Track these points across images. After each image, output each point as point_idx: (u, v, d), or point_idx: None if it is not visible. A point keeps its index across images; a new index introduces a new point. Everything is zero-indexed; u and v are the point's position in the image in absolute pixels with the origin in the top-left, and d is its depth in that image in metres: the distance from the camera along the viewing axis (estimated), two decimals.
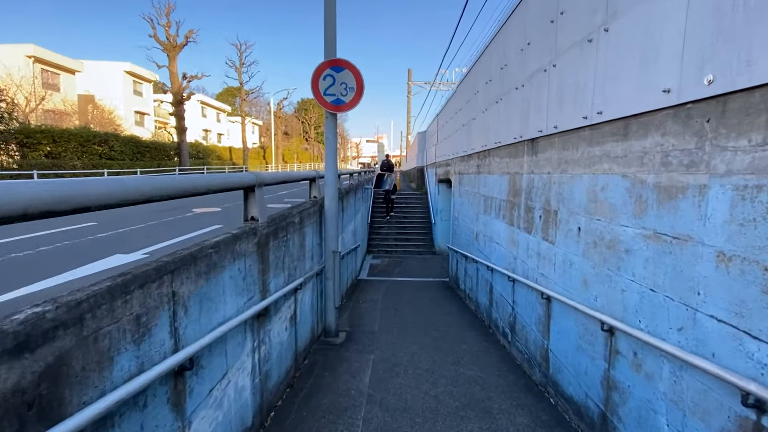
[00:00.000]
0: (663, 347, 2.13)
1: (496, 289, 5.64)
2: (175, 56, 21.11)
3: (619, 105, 2.60)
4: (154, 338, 1.70)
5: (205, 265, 2.14)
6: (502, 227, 5.36)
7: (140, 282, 1.62)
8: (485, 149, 6.29)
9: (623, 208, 2.58)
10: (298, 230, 4.08)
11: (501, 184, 5.42)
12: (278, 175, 3.58)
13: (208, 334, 2.13)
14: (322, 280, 5.18)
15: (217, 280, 2.28)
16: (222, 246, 2.34)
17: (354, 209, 9.37)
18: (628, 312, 2.54)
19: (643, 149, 2.38)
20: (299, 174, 4.38)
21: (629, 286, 2.52)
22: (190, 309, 2.01)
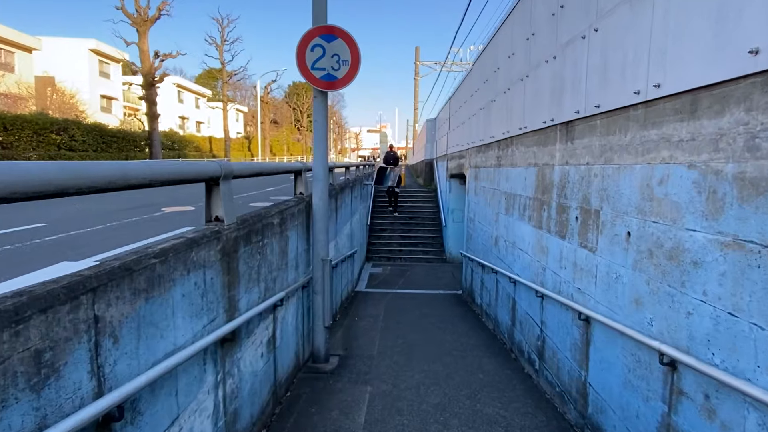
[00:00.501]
0: (748, 391, 1.84)
1: (520, 306, 5.35)
2: (145, 31, 20.96)
3: (683, 74, 2.32)
4: (65, 380, 1.44)
5: (146, 279, 1.88)
6: (527, 231, 5.08)
7: (42, 306, 1.35)
8: (507, 137, 6.02)
9: (690, 206, 2.30)
10: (279, 234, 3.82)
11: (527, 178, 5.14)
12: (252, 166, 3.33)
13: (150, 369, 1.87)
14: (310, 294, 4.92)
15: (163, 299, 2.02)
16: (171, 254, 2.08)
17: (350, 209, 9.11)
18: (696, 341, 2.25)
19: (719, 130, 2.10)
20: (280, 165, 4.12)
21: (698, 308, 2.23)
22: (123, 338, 1.74)
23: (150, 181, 1.97)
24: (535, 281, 4.76)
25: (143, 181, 1.91)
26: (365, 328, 6.58)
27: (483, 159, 7.81)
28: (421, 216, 15.27)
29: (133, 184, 1.82)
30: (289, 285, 4.17)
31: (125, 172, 1.74)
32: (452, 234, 13.41)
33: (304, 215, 4.74)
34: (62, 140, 19.66)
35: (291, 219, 4.22)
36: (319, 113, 4.57)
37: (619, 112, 3.04)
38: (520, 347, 5.29)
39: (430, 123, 19.12)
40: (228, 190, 2.78)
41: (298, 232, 4.52)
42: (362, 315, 7.44)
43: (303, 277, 4.76)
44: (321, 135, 4.60)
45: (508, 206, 5.96)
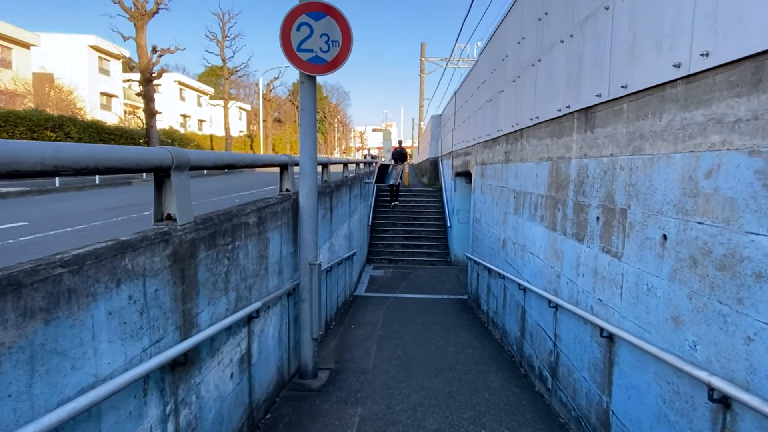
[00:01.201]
0: None
1: (530, 316, 4.89)
2: (143, 26, 20.67)
3: (743, 37, 1.86)
4: None
5: (46, 295, 1.46)
6: (539, 233, 4.62)
7: None
8: (517, 129, 5.56)
9: (751, 203, 1.84)
10: (256, 235, 3.40)
11: (538, 174, 4.68)
12: (219, 156, 2.90)
13: (52, 412, 1.45)
14: (296, 302, 4.49)
15: (76, 319, 1.60)
16: (90, 262, 1.65)
17: (348, 209, 8.69)
18: (758, 375, 1.80)
19: None
20: (260, 158, 3.69)
21: (763, 333, 1.78)
22: (6, 374, 1.32)
23: (56, 167, 1.55)
24: (548, 289, 4.30)
25: (49, 167, 1.48)
26: (361, 338, 6.14)
27: (490, 155, 7.34)
28: (425, 216, 14.81)
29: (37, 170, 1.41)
30: (269, 293, 3.74)
31: (20, 152, 1.32)
32: (457, 235, 12.95)
33: (290, 214, 4.31)
34: (57, 137, 19.41)
35: (272, 218, 3.80)
36: (306, 100, 4.14)
37: (652, 92, 2.58)
38: (530, 362, 4.83)
39: (434, 120, 18.66)
40: (182, 183, 2.35)
41: (282, 233, 4.09)
42: (359, 322, 7.01)
43: (289, 283, 4.34)
44: (308, 125, 4.17)
45: (518, 205, 5.50)
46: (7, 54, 25.34)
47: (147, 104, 21.31)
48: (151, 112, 21.47)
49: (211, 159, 2.70)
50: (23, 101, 24.04)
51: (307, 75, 4.07)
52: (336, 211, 7.09)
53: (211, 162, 2.69)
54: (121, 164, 1.90)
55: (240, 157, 3.28)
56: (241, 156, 3.30)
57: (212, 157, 2.75)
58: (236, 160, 3.13)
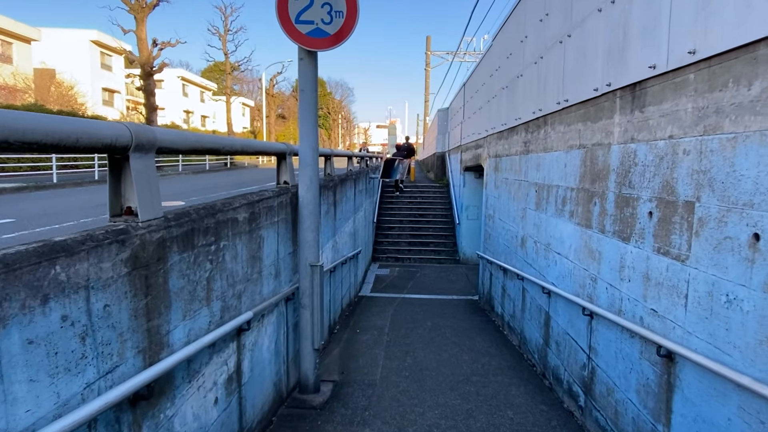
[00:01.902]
0: None
1: (556, 323, 4.38)
2: (143, 18, 20.21)
3: None
4: None
5: None
6: (568, 230, 4.11)
7: None
8: (539, 116, 5.03)
9: None
10: (247, 233, 2.91)
11: (567, 164, 4.16)
12: (199, 138, 2.40)
13: None
14: (296, 308, 4.01)
15: None
16: None
17: (353, 204, 8.20)
18: None
19: None
20: (251, 144, 3.18)
21: None
22: None
23: None
24: (580, 294, 3.79)
25: None
26: (368, 344, 5.66)
27: (505, 146, 6.82)
28: (432, 213, 14.30)
29: None
30: (264, 299, 3.26)
31: None
32: (466, 232, 12.43)
33: (288, 210, 3.82)
34: None
35: (268, 214, 3.31)
36: (306, 80, 3.64)
37: (733, 55, 2.06)
38: (557, 374, 4.32)
39: (441, 113, 18.11)
40: (146, 169, 1.86)
41: (280, 230, 3.61)
42: (365, 326, 6.52)
43: (287, 286, 3.86)
44: (308, 109, 3.67)
45: (540, 200, 4.98)
46: (8, 49, 24.97)
47: (147, 99, 20.87)
48: (152, 106, 21.03)
49: (186, 140, 2.20)
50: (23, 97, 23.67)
51: (306, 50, 3.57)
52: (340, 207, 6.60)
53: (186, 144, 2.19)
54: (51, 140, 1.41)
55: (226, 141, 2.78)
56: (227, 141, 2.80)
57: (188, 138, 2.25)
58: (220, 145, 2.64)
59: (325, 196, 5.50)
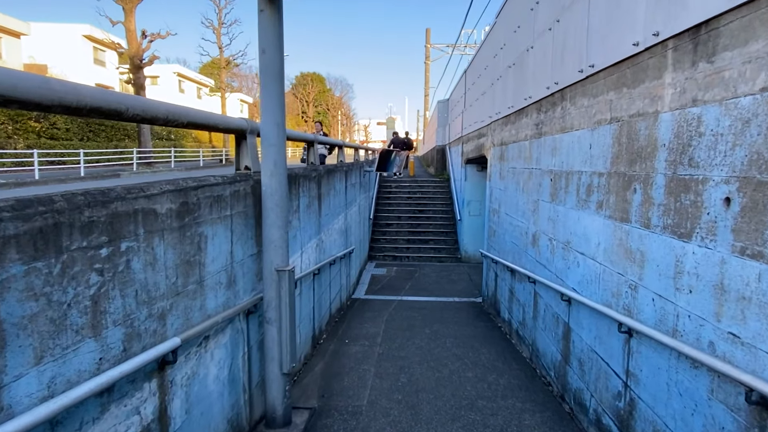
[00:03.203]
0: None
1: (579, 337, 3.62)
2: (132, 9, 19.39)
3: None
4: None
5: None
6: (595, 225, 3.34)
7: None
8: (555, 91, 4.25)
9: None
10: (175, 231, 2.15)
11: (593, 144, 3.39)
12: (78, 90, 1.61)
13: None
14: (261, 324, 3.26)
15: None
16: None
17: (344, 198, 7.43)
18: None
19: None
20: (188, 114, 2.36)
21: None
22: None
23: None
24: (613, 305, 3.02)
25: None
26: (356, 358, 4.90)
27: (512, 132, 6.04)
28: (431, 209, 13.53)
29: None
30: (208, 316, 2.50)
31: None
32: (468, 229, 11.66)
33: (248, 202, 3.07)
34: (42, 128, 18.30)
35: (214, 206, 2.55)
36: (267, 38, 2.87)
37: None
38: (580, 398, 3.56)
39: (441, 105, 17.31)
40: None
41: (235, 227, 2.84)
42: (355, 335, 5.77)
43: (248, 297, 3.10)
44: (271, 75, 2.90)
45: (556, 190, 4.21)
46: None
47: (137, 93, 20.09)
48: None
49: (42, 89, 1.42)
50: None
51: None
52: (326, 200, 5.84)
53: (40, 95, 1.41)
54: None
55: (137, 103, 1.96)
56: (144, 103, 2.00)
57: (48, 85, 1.46)
58: (125, 106, 1.83)
59: (306, 188, 4.74)
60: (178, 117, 2.23)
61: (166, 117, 2.11)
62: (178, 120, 2.23)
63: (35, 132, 17.92)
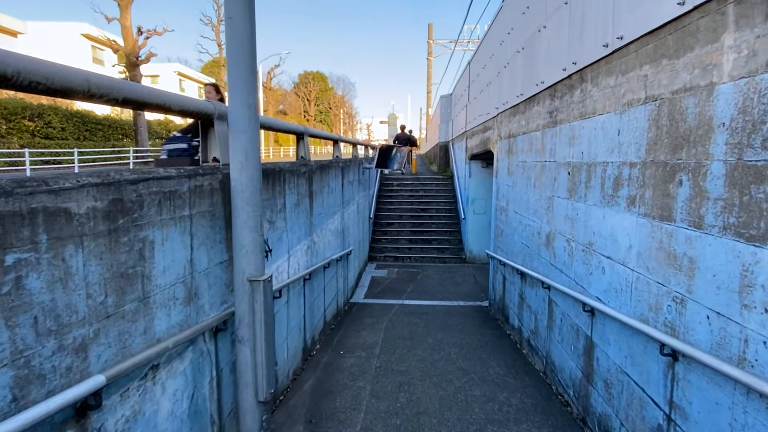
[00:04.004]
0: None
1: (605, 355, 3.12)
2: (128, 5, 18.97)
3: None
4: None
5: None
6: (626, 224, 2.84)
7: None
8: (574, 72, 3.75)
9: None
10: (102, 237, 1.68)
11: (624, 130, 2.89)
12: None
13: None
14: (232, 343, 2.79)
15: None
16: None
17: (341, 197, 6.95)
18: None
19: None
20: (138, 91, 1.88)
21: None
22: None
23: None
24: (651, 320, 2.53)
25: None
26: (351, 372, 4.42)
27: (522, 122, 5.54)
28: (434, 207, 13.03)
29: None
30: (157, 340, 2.03)
31: None
32: (473, 228, 11.15)
33: (216, 199, 2.59)
34: (37, 127, 17.92)
35: (165, 205, 2.07)
36: (235, 1, 2.39)
37: None
38: (607, 426, 3.07)
39: (444, 100, 16.79)
40: None
41: (196, 230, 2.37)
42: (352, 345, 5.29)
43: (216, 311, 2.63)
44: (241, 47, 2.42)
45: (575, 185, 3.71)
46: None
47: None
48: None
49: None
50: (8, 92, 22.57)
51: None
52: (319, 199, 5.36)
53: None
54: None
55: (57, 71, 1.51)
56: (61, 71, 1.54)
57: None
58: (37, 75, 1.38)
59: (294, 185, 4.26)
60: (108, 91, 1.75)
61: (87, 89, 1.63)
62: (108, 94, 1.74)
63: (29, 131, 17.55)
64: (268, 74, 37.67)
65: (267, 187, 3.47)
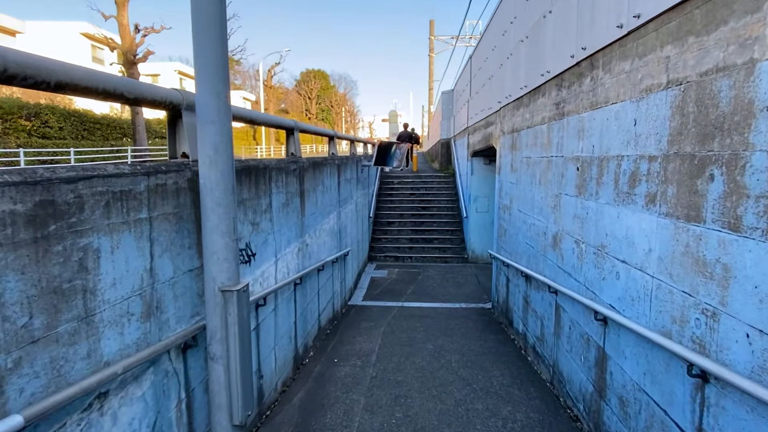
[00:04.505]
0: None
1: (620, 369, 2.83)
2: (125, 2, 18.70)
3: None
4: None
5: None
6: (644, 225, 2.54)
7: None
8: (583, 58, 3.45)
9: None
10: (30, 245, 1.40)
11: (641, 119, 2.58)
12: None
13: None
14: (204, 359, 2.51)
15: None
16: None
17: (337, 195, 6.66)
18: None
19: None
20: (46, 66, 1.60)
21: None
22: None
23: None
24: (676, 335, 2.23)
25: None
26: (345, 383, 4.14)
27: (526, 116, 5.23)
28: (436, 206, 12.72)
29: None
30: (105, 364, 1.76)
31: None
32: (475, 227, 10.85)
33: (184, 199, 2.31)
34: (33, 127, 17.72)
35: (117, 207, 1.80)
36: None
37: None
38: None
39: (445, 96, 16.46)
40: None
41: (156, 235, 2.09)
42: (346, 352, 5.01)
43: (185, 326, 2.35)
44: (210, 24, 2.13)
45: (585, 181, 3.40)
46: None
47: None
48: None
49: None
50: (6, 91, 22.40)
51: None
52: (312, 198, 5.07)
53: None
54: None
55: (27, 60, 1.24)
56: None
57: None
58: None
59: (282, 183, 3.98)
60: (35, 72, 1.46)
61: (3, 68, 1.35)
62: (34, 76, 1.46)
63: (26, 131, 17.35)
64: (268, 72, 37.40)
65: (249, 186, 3.19)
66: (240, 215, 3.00)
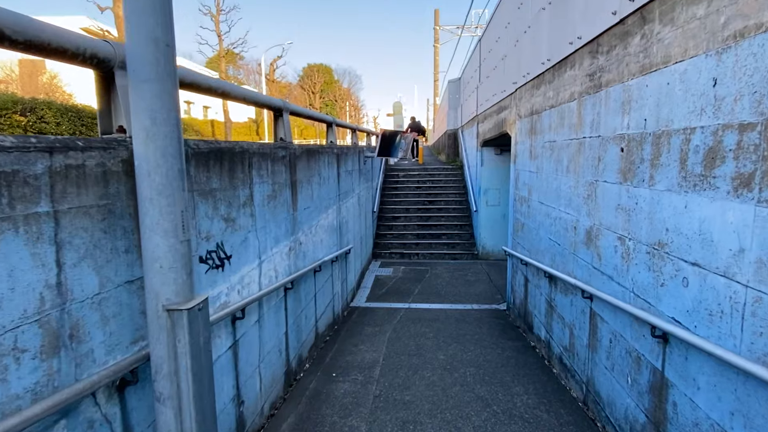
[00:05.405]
0: None
1: (691, 404, 2.21)
2: None
3: None
4: None
5: None
6: (727, 218, 1.91)
7: None
8: (631, 12, 2.80)
9: None
10: None
11: (723, 78, 1.95)
12: None
13: None
14: (147, 396, 1.92)
15: None
16: None
17: (336, 188, 6.06)
18: None
19: None
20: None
21: None
22: None
23: None
24: None
25: None
26: (343, 405, 3.56)
27: (549, 94, 4.58)
28: (443, 200, 12.09)
29: None
30: None
31: None
32: (486, 221, 10.21)
33: (114, 188, 1.72)
34: (29, 122, 17.24)
35: None
36: None
37: None
38: None
39: (452, 85, 15.76)
40: None
41: (67, 237, 1.50)
42: (346, 364, 4.43)
43: (121, 356, 1.76)
44: None
45: (633, 164, 2.77)
46: None
47: None
48: None
49: None
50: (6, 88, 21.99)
51: None
52: (306, 190, 4.47)
53: None
54: None
55: None
56: None
57: None
58: None
59: (268, 171, 3.38)
60: None
61: None
62: None
63: (21, 127, 16.89)
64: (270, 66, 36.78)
65: (220, 173, 2.59)
66: (206, 209, 2.40)
